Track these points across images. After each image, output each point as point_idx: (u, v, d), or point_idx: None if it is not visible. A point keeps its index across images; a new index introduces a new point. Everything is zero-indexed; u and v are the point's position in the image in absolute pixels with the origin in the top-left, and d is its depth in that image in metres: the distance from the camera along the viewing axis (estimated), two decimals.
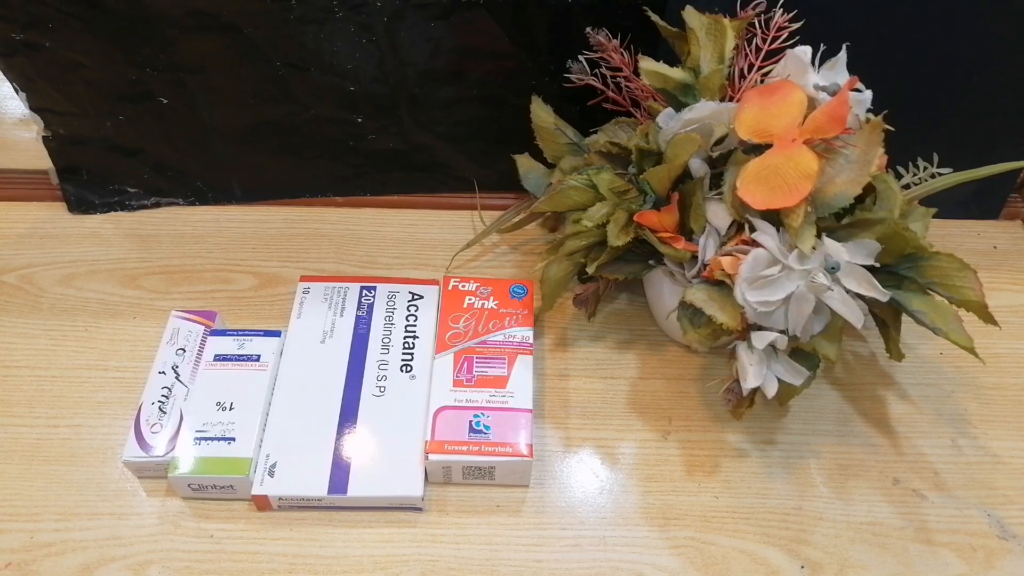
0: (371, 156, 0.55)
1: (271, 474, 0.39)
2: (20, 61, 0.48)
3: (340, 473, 0.40)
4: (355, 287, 0.48)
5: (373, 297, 0.47)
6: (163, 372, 0.43)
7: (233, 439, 0.40)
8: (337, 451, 0.41)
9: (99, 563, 0.38)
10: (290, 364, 0.44)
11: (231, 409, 0.41)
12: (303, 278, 0.48)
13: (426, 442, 0.40)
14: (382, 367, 0.44)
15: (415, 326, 0.46)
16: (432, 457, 0.40)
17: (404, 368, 0.44)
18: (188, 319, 0.46)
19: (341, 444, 0.41)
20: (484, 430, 0.41)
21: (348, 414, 0.42)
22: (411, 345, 0.45)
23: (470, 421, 0.41)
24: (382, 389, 0.43)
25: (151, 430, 0.40)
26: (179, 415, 0.41)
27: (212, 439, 0.40)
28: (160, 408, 0.41)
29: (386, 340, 0.45)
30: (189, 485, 0.40)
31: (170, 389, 0.42)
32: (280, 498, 0.39)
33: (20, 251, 0.53)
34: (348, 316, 0.46)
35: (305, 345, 0.45)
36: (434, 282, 0.49)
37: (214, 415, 0.41)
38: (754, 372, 0.38)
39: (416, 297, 0.47)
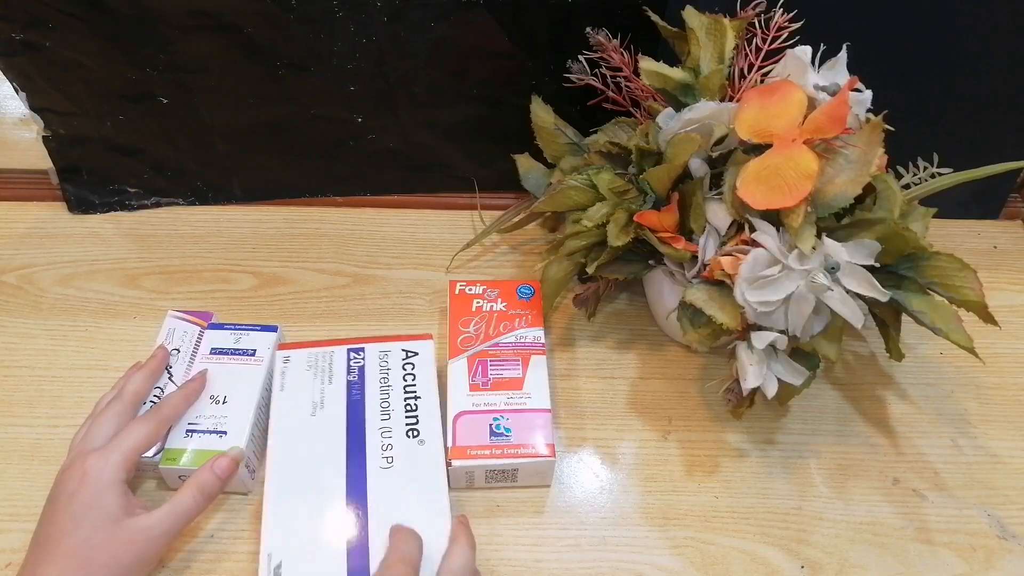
0: (371, 156, 0.55)
1: None
2: (20, 61, 0.48)
3: (358, 564, 0.35)
4: (340, 350, 0.43)
5: (363, 359, 0.43)
6: (171, 376, 0.43)
7: (225, 432, 0.40)
8: (351, 540, 0.36)
9: None
10: (280, 444, 0.39)
11: (224, 403, 0.41)
12: (281, 346, 0.44)
13: (447, 448, 0.40)
14: (385, 435, 0.39)
15: (414, 386, 0.42)
16: (456, 463, 0.39)
17: (411, 433, 0.40)
18: (184, 319, 0.46)
19: (353, 530, 0.36)
20: (505, 432, 0.40)
21: (355, 493, 0.37)
22: (414, 407, 0.41)
23: (490, 424, 0.41)
24: (389, 460, 0.39)
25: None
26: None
27: (204, 432, 0.40)
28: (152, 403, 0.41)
29: (385, 405, 0.41)
30: (180, 476, 0.39)
31: (163, 389, 0.42)
32: None
33: (20, 251, 0.53)
34: (338, 383, 0.41)
35: (293, 421, 0.40)
36: (427, 336, 0.44)
37: (207, 408, 0.41)
38: (754, 372, 0.38)
39: (411, 354, 0.43)
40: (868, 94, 0.40)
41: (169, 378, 0.43)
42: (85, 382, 0.46)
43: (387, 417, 0.40)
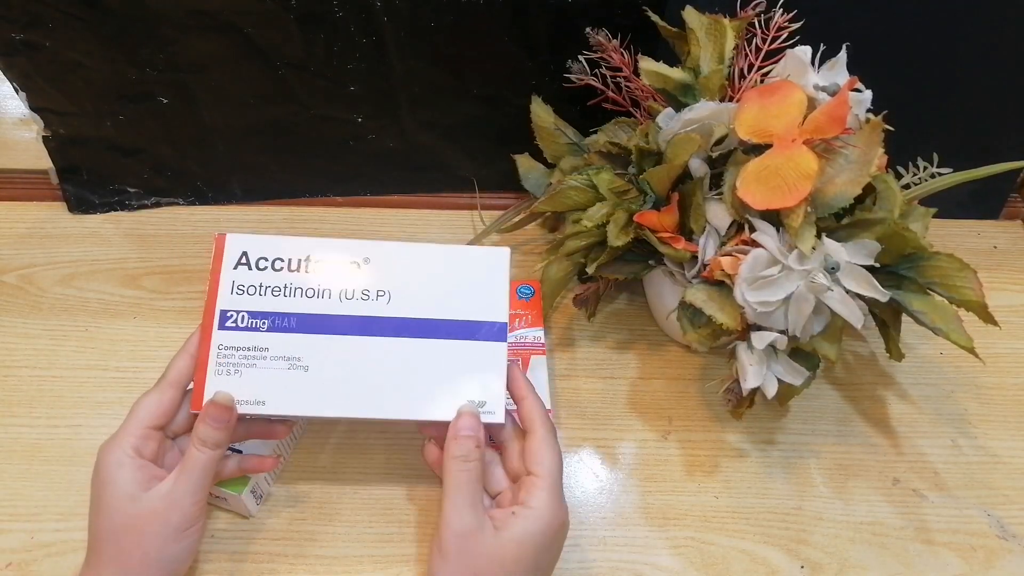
0: (371, 156, 0.55)
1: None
2: (20, 61, 0.48)
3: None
4: None
5: None
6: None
7: (240, 452, 0.39)
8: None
9: None
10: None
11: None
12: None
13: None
14: None
15: None
16: None
17: None
18: None
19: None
20: None
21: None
22: None
23: None
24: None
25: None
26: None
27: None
28: None
29: None
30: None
31: None
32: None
33: (20, 251, 0.53)
34: None
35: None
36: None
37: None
38: (754, 372, 0.38)
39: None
40: (868, 94, 0.40)
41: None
42: (85, 382, 0.46)
43: None
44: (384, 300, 0.36)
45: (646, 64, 0.43)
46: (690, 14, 0.43)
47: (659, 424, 0.46)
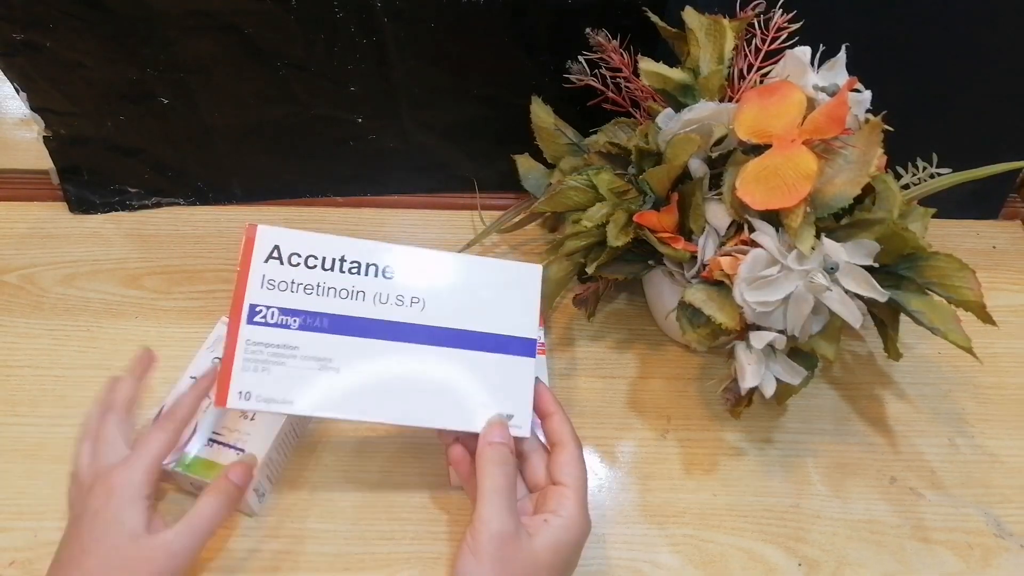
0: (371, 156, 0.55)
1: None
2: (20, 61, 0.48)
3: None
4: None
5: None
6: (194, 378, 0.42)
7: (243, 450, 0.39)
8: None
9: None
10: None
11: (252, 419, 0.40)
12: None
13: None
14: None
15: None
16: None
17: None
18: None
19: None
20: None
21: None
22: None
23: None
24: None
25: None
26: (195, 424, 0.40)
27: (223, 445, 0.39)
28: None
29: None
30: (191, 483, 0.40)
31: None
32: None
33: (21, 251, 0.53)
34: None
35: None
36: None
37: (234, 422, 0.40)
38: (752, 372, 0.38)
39: None
40: (867, 94, 0.40)
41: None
42: (87, 381, 0.46)
43: None
44: (418, 307, 0.36)
45: (646, 64, 0.43)
46: (690, 15, 0.43)
47: (658, 423, 0.46)
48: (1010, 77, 0.51)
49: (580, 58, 0.48)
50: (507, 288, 0.37)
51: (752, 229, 0.38)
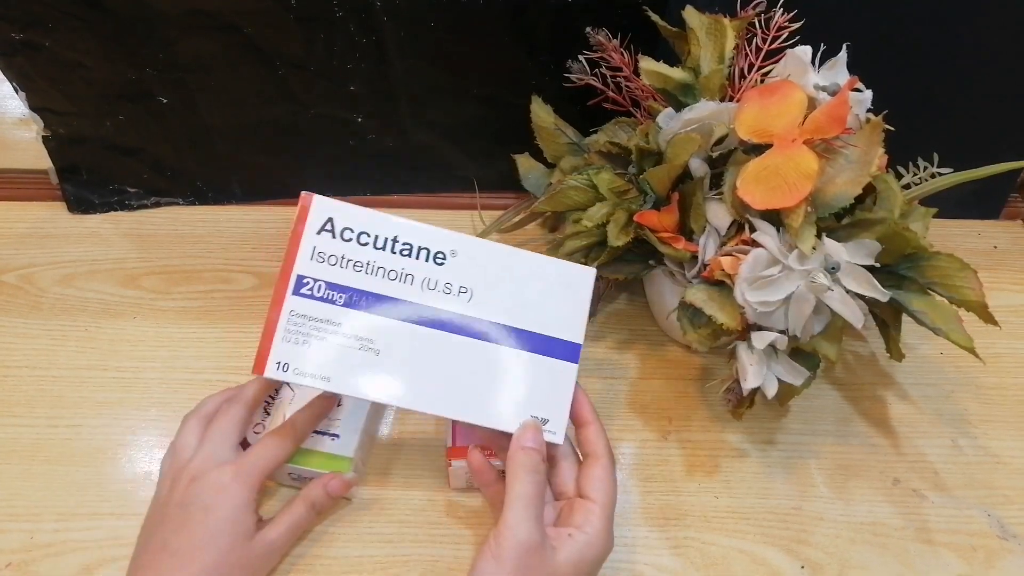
0: (371, 156, 0.55)
1: None
2: (20, 61, 0.48)
3: None
4: None
5: None
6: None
7: (337, 435, 0.39)
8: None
9: (99, 563, 0.38)
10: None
11: (338, 405, 0.40)
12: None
13: (448, 448, 0.40)
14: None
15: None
16: (456, 463, 0.39)
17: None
18: None
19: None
20: None
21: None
22: None
23: None
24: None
25: (253, 430, 0.40)
26: (282, 418, 0.39)
27: (317, 432, 0.39)
28: (264, 409, 0.41)
29: None
30: (289, 474, 0.39)
31: (277, 391, 0.41)
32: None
33: (20, 251, 0.53)
34: None
35: None
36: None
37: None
38: (754, 372, 0.38)
39: None
40: (868, 94, 0.40)
41: (288, 384, 0.42)
42: (85, 382, 0.46)
43: None
44: (465, 297, 0.35)
45: (646, 64, 0.43)
46: (690, 14, 0.43)
47: (659, 424, 0.46)
48: (1010, 77, 0.51)
49: (580, 57, 0.47)
50: (558, 288, 0.36)
51: (753, 229, 0.38)
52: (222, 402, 0.38)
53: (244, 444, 0.38)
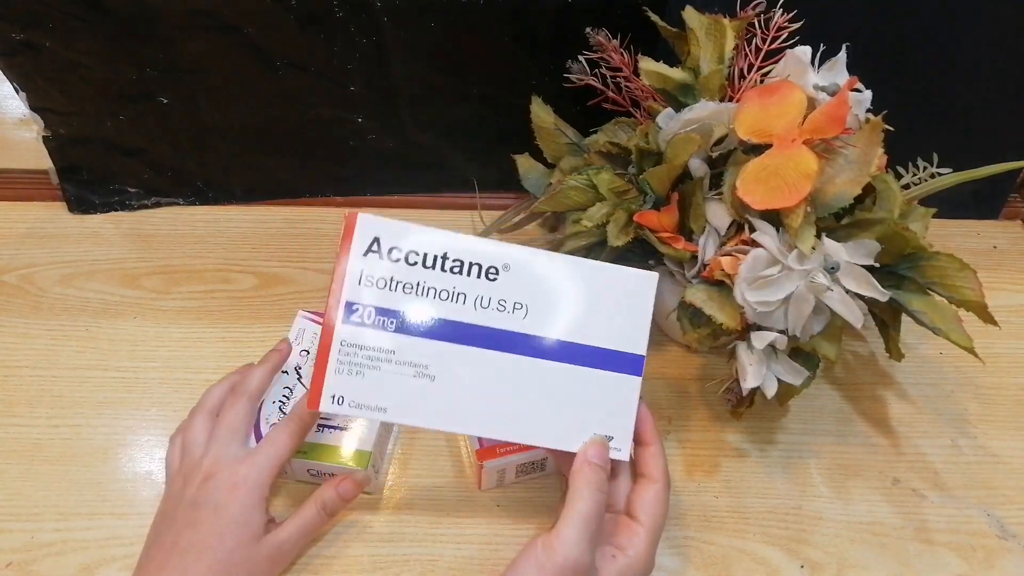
0: (371, 156, 0.55)
1: None
2: (20, 61, 0.48)
3: None
4: None
5: None
6: (286, 372, 0.42)
7: (354, 430, 0.39)
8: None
9: (99, 563, 0.38)
10: None
11: None
12: None
13: (476, 451, 0.39)
14: None
15: None
16: (488, 464, 0.39)
17: None
18: (315, 320, 0.44)
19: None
20: None
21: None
22: None
23: None
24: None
25: (270, 428, 0.40)
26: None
27: (333, 428, 0.39)
28: (280, 408, 0.41)
29: None
30: (308, 471, 0.40)
31: (291, 390, 0.41)
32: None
33: (20, 251, 0.53)
34: None
35: None
36: None
37: None
38: (754, 372, 0.38)
39: None
40: (868, 94, 0.40)
41: (299, 379, 0.42)
42: (86, 382, 0.46)
43: None
44: (520, 314, 0.33)
45: (646, 64, 0.43)
46: (690, 14, 0.43)
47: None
48: (1010, 77, 0.51)
49: (580, 58, 0.47)
50: (617, 297, 0.34)
51: (752, 229, 0.38)
52: (226, 392, 0.38)
53: (259, 438, 0.38)
